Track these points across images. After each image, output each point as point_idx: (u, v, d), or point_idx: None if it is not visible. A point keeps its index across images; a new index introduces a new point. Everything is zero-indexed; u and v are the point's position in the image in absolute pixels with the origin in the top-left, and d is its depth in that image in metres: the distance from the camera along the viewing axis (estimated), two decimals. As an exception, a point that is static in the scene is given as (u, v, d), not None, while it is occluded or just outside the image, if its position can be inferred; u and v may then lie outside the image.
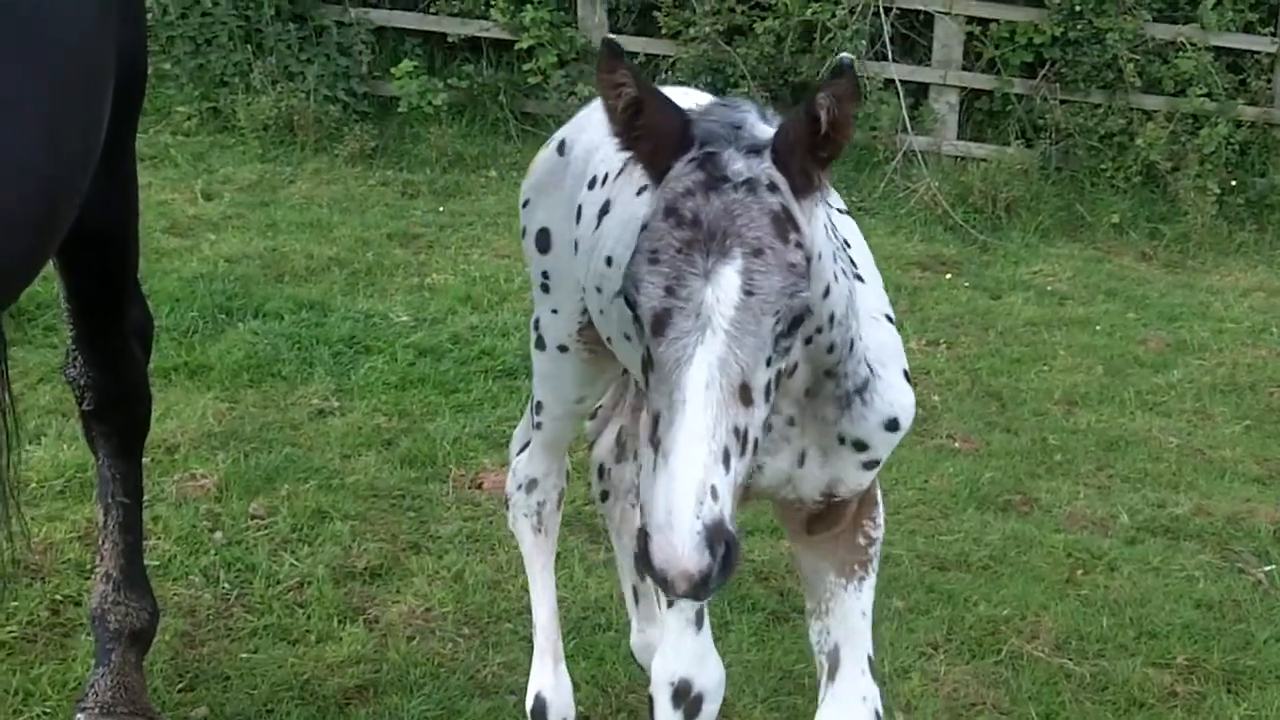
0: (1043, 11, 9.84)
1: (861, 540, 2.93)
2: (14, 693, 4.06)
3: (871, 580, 2.96)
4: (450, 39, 10.43)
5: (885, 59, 9.99)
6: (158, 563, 4.70)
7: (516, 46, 10.22)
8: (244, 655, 4.30)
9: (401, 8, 10.58)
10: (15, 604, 4.46)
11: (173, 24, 10.08)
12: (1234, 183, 9.47)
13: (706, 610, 3.01)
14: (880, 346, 2.72)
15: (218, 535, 4.92)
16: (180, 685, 4.16)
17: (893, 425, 2.75)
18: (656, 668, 2.99)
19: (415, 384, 6.24)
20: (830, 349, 2.55)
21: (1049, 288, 8.29)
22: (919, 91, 10.24)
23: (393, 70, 10.13)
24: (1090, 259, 8.90)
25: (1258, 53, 9.92)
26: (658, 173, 2.29)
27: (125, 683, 3.90)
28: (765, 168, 2.22)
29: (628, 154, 2.36)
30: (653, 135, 2.29)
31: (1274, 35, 9.90)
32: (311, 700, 4.12)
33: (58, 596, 4.53)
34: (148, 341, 4.09)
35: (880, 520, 3.01)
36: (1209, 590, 5.00)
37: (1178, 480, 5.88)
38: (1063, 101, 9.90)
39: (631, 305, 2.22)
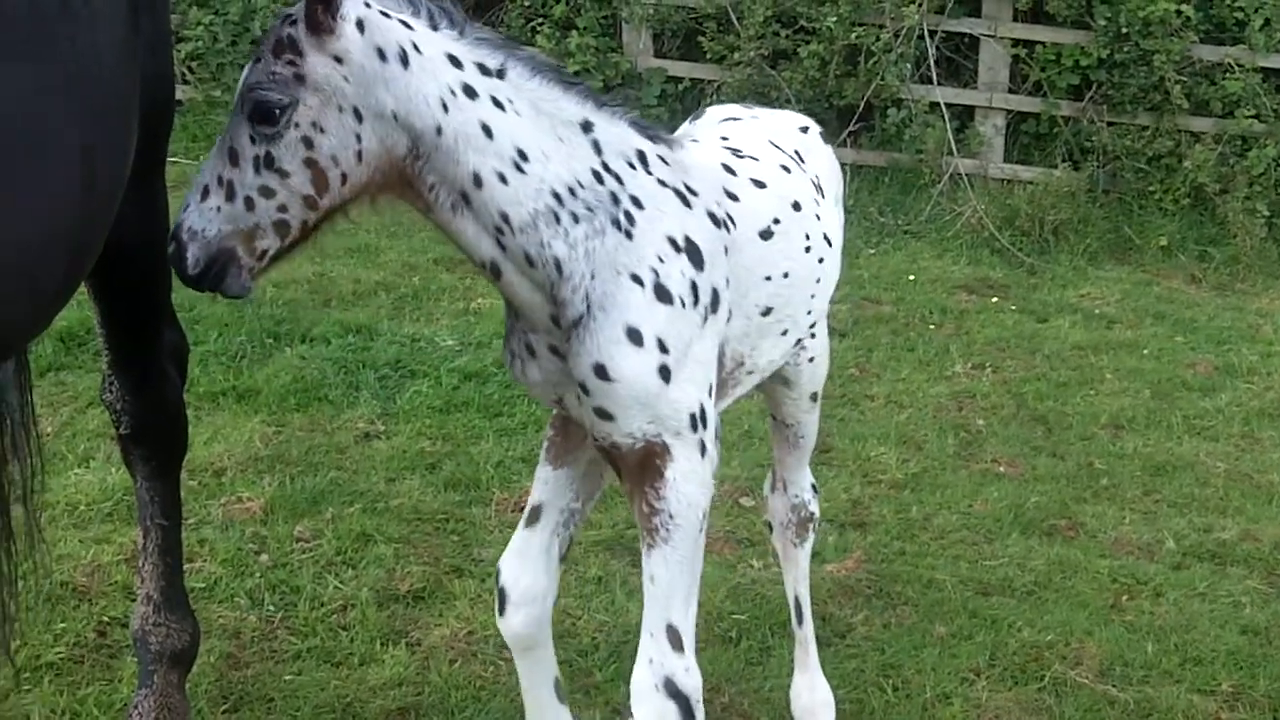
0: (1089, 34, 9.81)
1: (644, 508, 3.08)
2: (61, 713, 4.11)
3: (662, 551, 3.06)
4: (497, 65, 10.47)
5: (930, 82, 9.99)
6: (203, 585, 4.74)
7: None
8: (288, 677, 4.33)
9: (449, 34, 10.64)
10: (63, 625, 4.52)
11: (223, 52, 10.20)
12: (1283, 205, 9.40)
13: (549, 520, 3.44)
14: (609, 296, 2.96)
15: (263, 558, 4.97)
16: (224, 707, 4.20)
17: (601, 372, 2.96)
18: None
19: (460, 408, 6.28)
20: (529, 261, 2.97)
21: (1096, 311, 8.24)
22: (965, 114, 10.22)
23: (440, 96, 10.17)
24: (1138, 282, 8.84)
25: (1308, 74, 9.86)
26: None
27: (168, 703, 3.94)
28: (300, 9, 2.79)
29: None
30: None
31: (1324, 56, 9.83)
32: (354, 722, 4.15)
33: (104, 618, 4.58)
34: (183, 364, 4.13)
35: (665, 495, 3.05)
36: (1255, 616, 4.95)
37: (1225, 505, 5.84)
38: (1110, 124, 9.86)
39: None
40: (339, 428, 6.05)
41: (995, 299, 8.33)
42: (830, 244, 3.59)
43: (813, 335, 3.76)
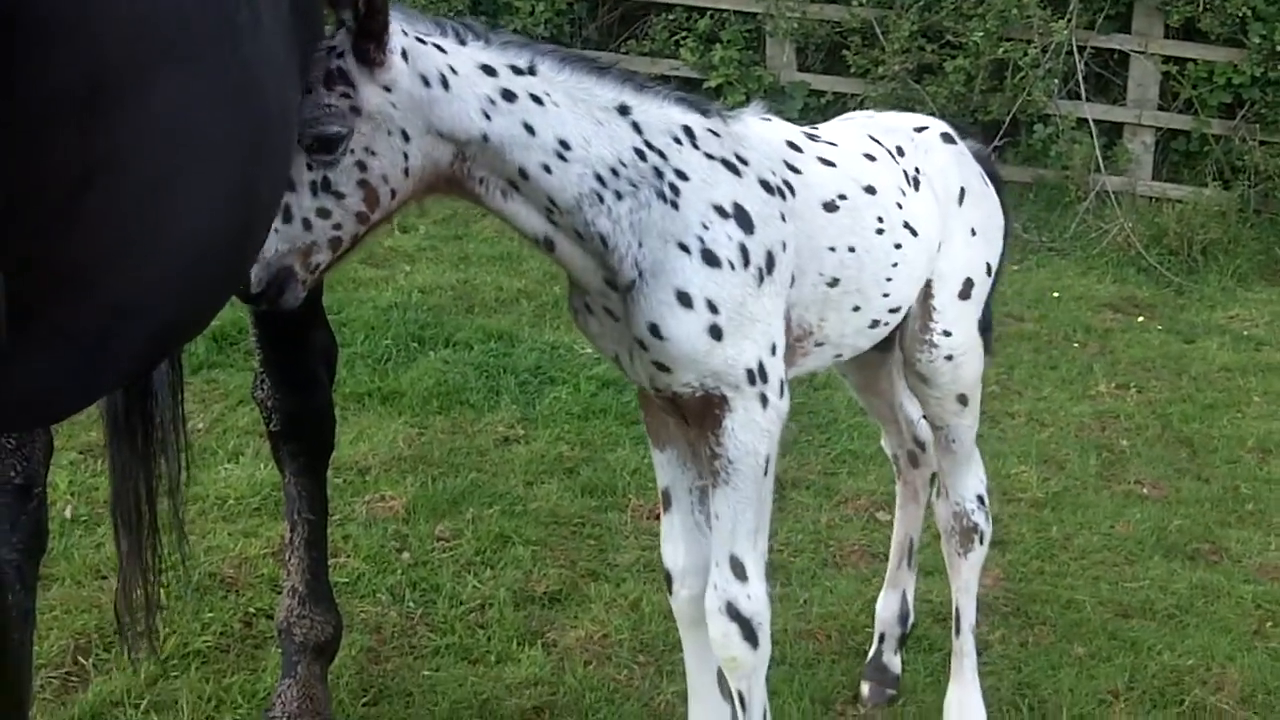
0: (1242, 51, 9.62)
1: (707, 452, 3.32)
2: (207, 699, 4.23)
3: (724, 491, 3.31)
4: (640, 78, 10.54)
5: (1078, 98, 9.86)
6: (347, 580, 4.85)
7: (705, 85, 10.32)
8: (426, 673, 4.42)
9: (592, 47, 10.76)
10: (210, 615, 4.65)
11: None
12: None
13: (679, 500, 3.61)
14: (658, 263, 3.16)
15: (405, 555, 5.07)
16: (364, 699, 4.29)
17: (654, 330, 3.17)
18: None
19: (598, 414, 6.34)
20: (579, 235, 3.15)
21: (1245, 333, 8.07)
22: (1113, 131, 10.08)
23: (584, 107, 10.26)
24: (1289, 304, 8.65)
25: None
26: None
27: (310, 694, 4.03)
28: (341, 38, 2.93)
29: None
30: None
31: None
32: (490, 719, 4.22)
33: (250, 609, 4.70)
34: (332, 365, 4.23)
35: (724, 442, 3.28)
36: None
37: (1376, 533, 5.69)
38: (1262, 143, 9.65)
39: None
40: (479, 431, 6.15)
41: (1141, 318, 8.20)
42: (915, 234, 3.63)
43: (947, 334, 3.79)
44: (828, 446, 6.14)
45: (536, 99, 3.10)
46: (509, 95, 3.07)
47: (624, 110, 3.20)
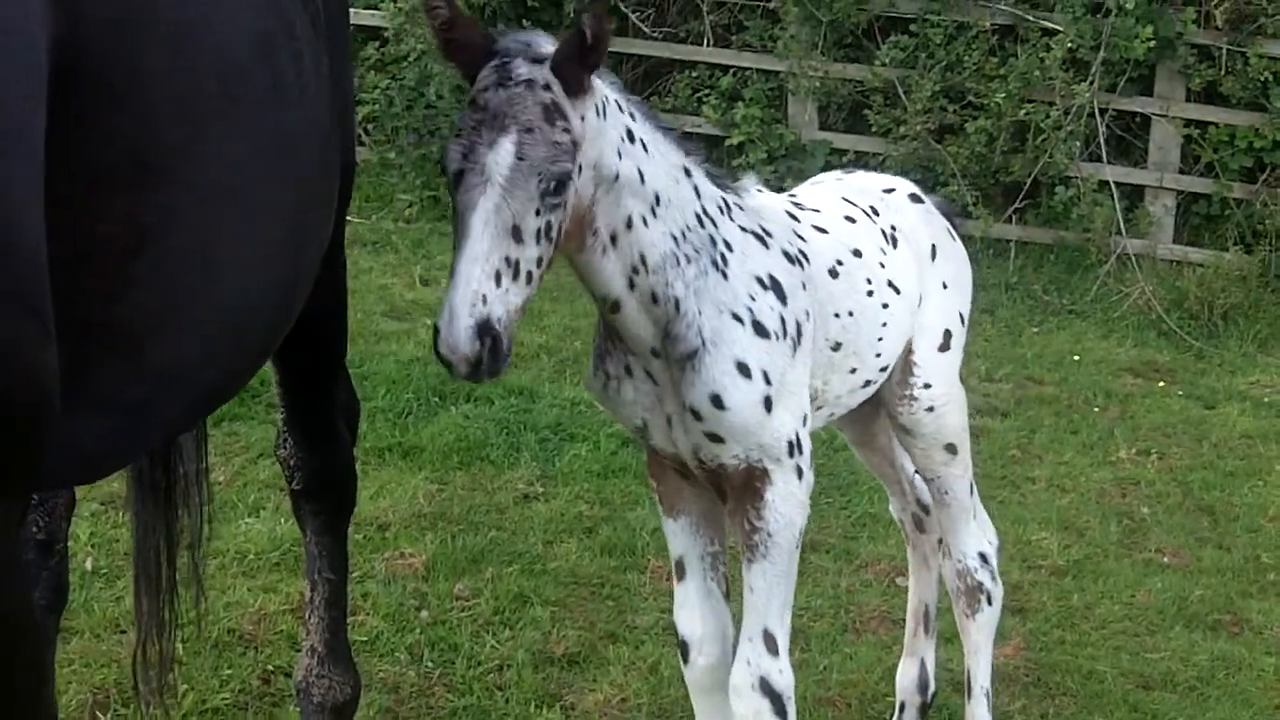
0: (1264, 115, 9.64)
1: (746, 526, 3.32)
2: (226, 758, 4.22)
3: (761, 565, 3.32)
4: (663, 133, 10.60)
5: (1100, 160, 9.88)
6: (365, 638, 4.84)
7: (726, 142, 10.37)
8: (444, 735, 4.40)
9: (617, 102, 10.80)
10: (229, 671, 4.64)
11: (398, 115, 10.47)
12: None
13: (694, 568, 3.56)
14: (718, 332, 3.16)
15: (424, 614, 5.06)
16: (382, 761, 4.27)
17: (717, 401, 3.16)
18: None
19: (617, 473, 6.33)
20: (654, 299, 3.10)
21: (1266, 399, 8.04)
22: (1134, 194, 10.09)
23: (606, 163, 10.31)
24: (1311, 371, 8.62)
25: None
26: (469, 77, 2.90)
27: (329, 754, 4.02)
28: (543, 71, 2.82)
29: (448, 63, 2.98)
30: (466, 48, 2.90)
31: None
32: (507, 783, 4.20)
33: (269, 666, 4.70)
34: (354, 423, 4.24)
35: (765, 515, 3.29)
36: None
37: (1401, 606, 5.65)
38: (1284, 207, 9.66)
39: (444, 170, 2.84)
40: (499, 487, 6.15)
41: (1161, 383, 8.18)
42: (899, 292, 3.70)
43: (927, 386, 3.85)
44: (848, 509, 6.13)
45: (645, 147, 3.06)
46: (631, 136, 3.03)
47: (688, 173, 3.19)
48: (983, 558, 4.13)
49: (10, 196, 1.85)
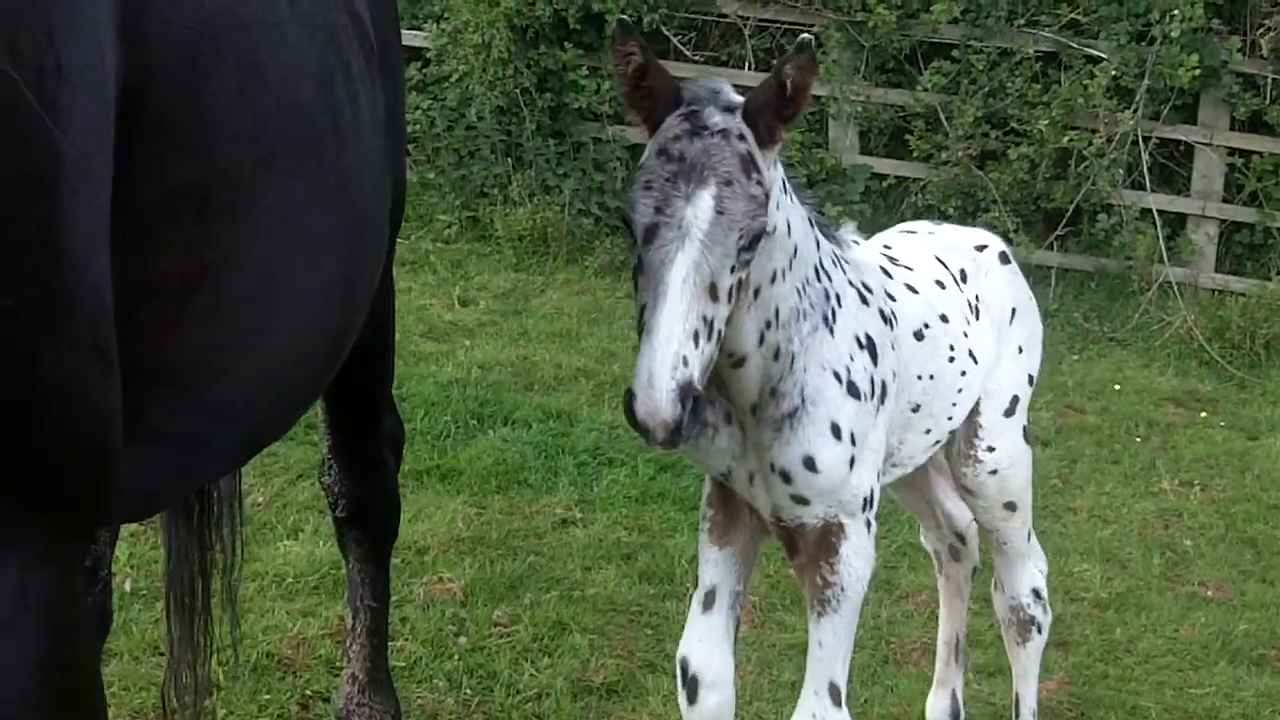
0: (1310, 145, 9.57)
1: (819, 580, 3.28)
2: (264, 784, 4.22)
3: (831, 619, 3.28)
4: (703, 156, 10.59)
5: (1143, 188, 9.82)
6: (404, 664, 4.83)
7: (767, 166, 10.32)
8: (482, 763, 4.39)
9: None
10: (267, 696, 4.64)
11: (439, 136, 10.50)
12: None
13: (722, 602, 3.47)
14: (819, 391, 3.09)
15: (462, 640, 5.05)
16: (420, 789, 4.26)
17: (810, 464, 3.11)
18: None
19: (656, 499, 6.31)
20: (776, 354, 3.02)
21: (1310, 431, 7.96)
22: (1176, 222, 10.02)
23: (645, 186, 10.31)
24: (1354, 402, 8.52)
25: None
26: (654, 124, 2.80)
27: (368, 783, 4.02)
28: (737, 121, 2.73)
29: (632, 111, 2.87)
30: (653, 95, 2.80)
31: None
32: (545, 814, 4.18)
33: (308, 691, 4.69)
34: (399, 450, 4.24)
35: (839, 570, 3.25)
36: None
37: None
38: (1329, 237, 9.58)
39: (627, 223, 2.72)
40: (537, 512, 6.13)
41: (1204, 413, 8.10)
42: (976, 361, 3.69)
43: (991, 449, 3.85)
44: (888, 539, 6.09)
45: (792, 195, 2.98)
46: (784, 185, 2.93)
47: (811, 223, 3.10)
48: (1035, 594, 4.17)
49: (77, 235, 1.85)
